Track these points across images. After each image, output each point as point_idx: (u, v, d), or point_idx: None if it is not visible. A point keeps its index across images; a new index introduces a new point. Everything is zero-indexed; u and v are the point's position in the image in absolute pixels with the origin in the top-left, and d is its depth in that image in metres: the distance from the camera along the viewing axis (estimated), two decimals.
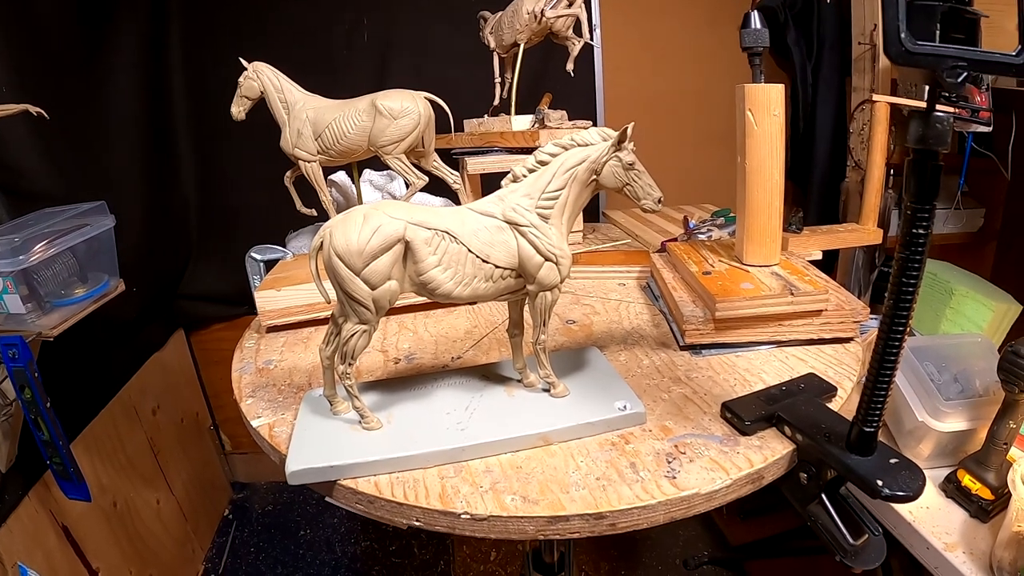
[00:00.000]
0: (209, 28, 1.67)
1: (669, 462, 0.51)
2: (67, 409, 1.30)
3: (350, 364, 0.56)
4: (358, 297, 0.52)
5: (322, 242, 0.52)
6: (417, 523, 0.50)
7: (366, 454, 0.53)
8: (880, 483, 0.45)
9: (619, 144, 0.55)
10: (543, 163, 0.57)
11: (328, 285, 0.55)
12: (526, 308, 0.61)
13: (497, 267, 0.55)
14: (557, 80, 1.34)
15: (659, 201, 0.56)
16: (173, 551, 1.73)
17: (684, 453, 0.53)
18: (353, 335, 0.54)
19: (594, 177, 0.57)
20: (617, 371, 0.65)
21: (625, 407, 0.57)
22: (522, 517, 0.47)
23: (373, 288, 0.52)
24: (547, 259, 0.55)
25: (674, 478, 0.49)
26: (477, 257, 0.54)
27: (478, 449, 0.54)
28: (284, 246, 1.18)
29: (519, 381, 0.64)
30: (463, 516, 0.48)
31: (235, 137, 1.62)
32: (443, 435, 0.55)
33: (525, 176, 0.57)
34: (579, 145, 0.57)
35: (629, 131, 0.55)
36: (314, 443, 0.56)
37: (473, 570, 1.78)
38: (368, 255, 0.51)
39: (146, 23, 1.60)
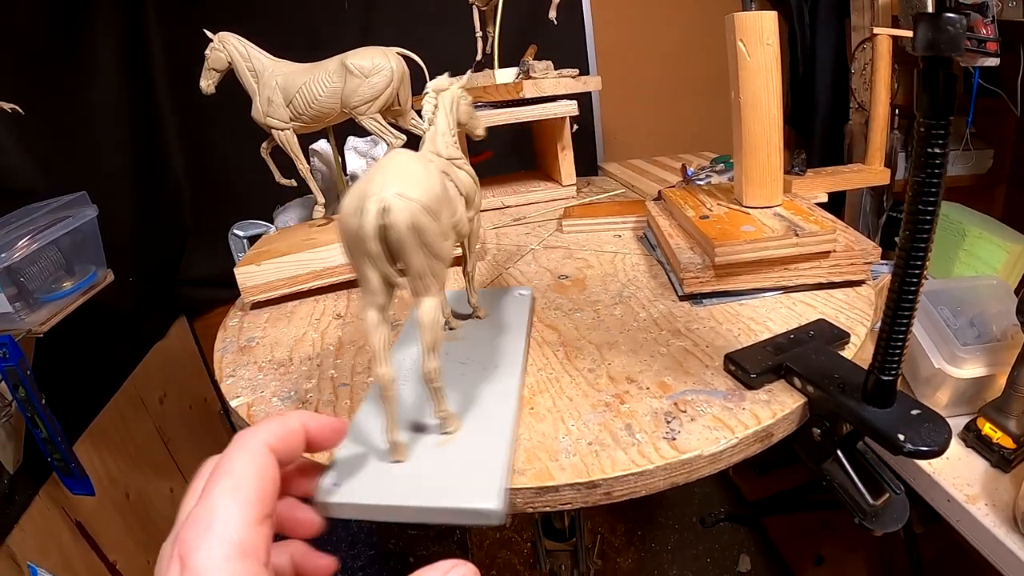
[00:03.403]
0: (187, 6, 1.61)
1: (668, 422, 0.47)
2: (71, 404, 1.29)
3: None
4: (445, 256, 0.43)
5: (383, 207, 0.39)
6: None
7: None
8: (902, 437, 0.41)
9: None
10: (436, 106, 0.57)
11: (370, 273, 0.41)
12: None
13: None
14: (547, 31, 1.29)
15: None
16: None
17: (684, 411, 0.48)
18: (438, 310, 0.43)
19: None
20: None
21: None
22: (507, 489, 0.43)
23: (449, 239, 0.45)
24: (476, 182, 0.57)
25: (674, 439, 0.45)
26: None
27: None
28: (272, 221, 1.14)
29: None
30: None
31: (223, 116, 1.59)
32: None
33: (436, 118, 0.57)
34: (444, 89, 0.59)
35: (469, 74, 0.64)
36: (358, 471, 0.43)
37: (489, 537, 1.78)
38: (445, 199, 0.44)
39: (123, 5, 1.55)
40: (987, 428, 0.97)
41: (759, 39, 0.69)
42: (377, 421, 0.46)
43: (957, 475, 0.96)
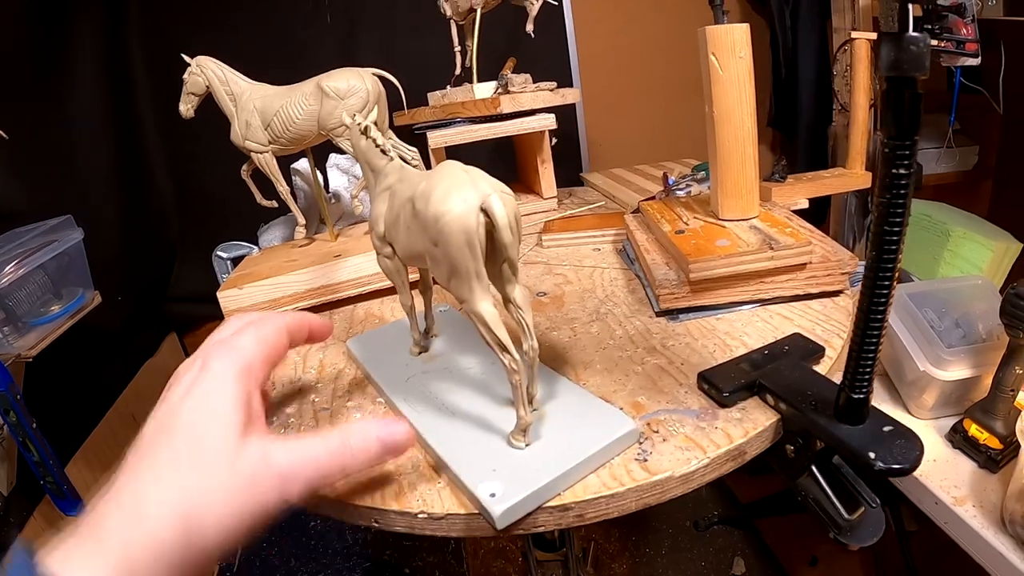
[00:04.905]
0: (168, 24, 1.61)
1: (640, 443, 0.47)
2: (63, 426, 1.29)
3: None
4: None
5: (505, 210, 0.42)
6: (376, 524, 0.47)
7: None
8: (872, 455, 0.41)
9: None
10: None
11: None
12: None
13: None
14: (529, 44, 1.29)
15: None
16: None
17: (657, 432, 0.48)
18: None
19: None
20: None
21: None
22: (481, 514, 0.43)
23: None
24: None
25: (645, 461, 0.45)
26: None
27: None
28: (257, 239, 1.14)
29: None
30: (420, 516, 0.44)
31: (208, 133, 1.59)
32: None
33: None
34: None
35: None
36: (504, 472, 0.45)
37: (484, 547, 1.77)
38: None
39: (103, 24, 1.55)
40: (974, 429, 0.97)
41: (731, 52, 0.69)
42: (458, 429, 0.50)
43: (944, 477, 0.96)
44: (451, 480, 0.46)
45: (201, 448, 0.38)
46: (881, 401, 1.11)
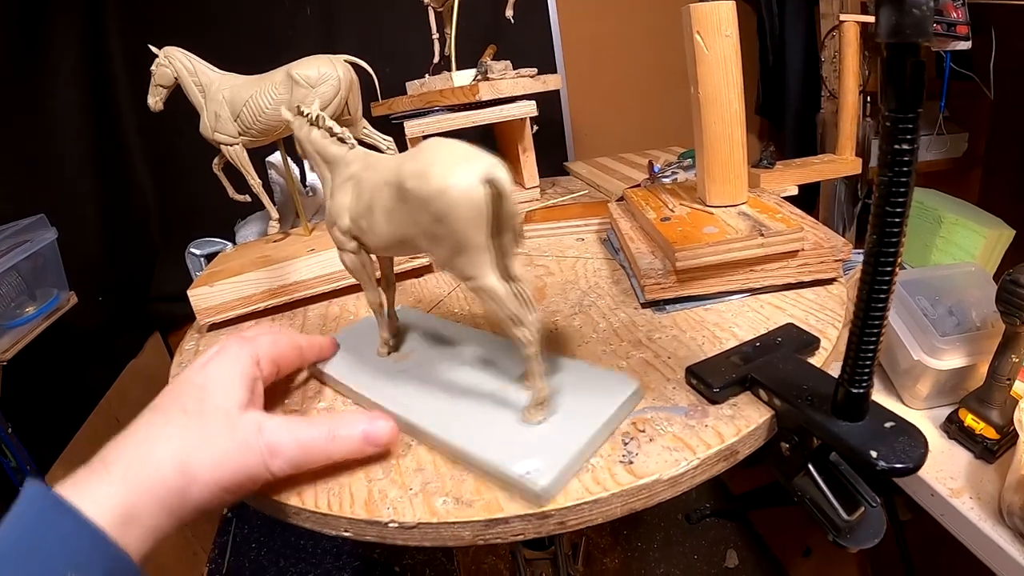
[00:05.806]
0: (148, 20, 1.58)
1: (625, 444, 0.44)
2: (43, 430, 1.27)
3: None
4: None
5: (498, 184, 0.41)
6: (346, 533, 0.44)
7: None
8: (875, 454, 0.38)
9: None
10: None
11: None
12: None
13: None
14: (511, 30, 1.26)
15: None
16: (174, 557, 1.69)
17: (643, 431, 0.45)
18: None
19: None
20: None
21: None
22: (455, 523, 0.40)
23: None
24: None
25: (631, 463, 0.42)
26: None
27: None
28: (235, 235, 1.12)
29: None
30: (391, 525, 0.41)
31: (188, 128, 1.56)
32: None
33: None
34: None
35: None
36: (537, 450, 0.43)
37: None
38: None
39: (82, 21, 1.52)
40: (969, 419, 0.95)
41: (717, 31, 0.66)
42: (463, 418, 0.48)
43: (940, 468, 0.94)
44: (472, 468, 0.45)
45: (206, 409, 0.44)
46: (874, 391, 1.09)
